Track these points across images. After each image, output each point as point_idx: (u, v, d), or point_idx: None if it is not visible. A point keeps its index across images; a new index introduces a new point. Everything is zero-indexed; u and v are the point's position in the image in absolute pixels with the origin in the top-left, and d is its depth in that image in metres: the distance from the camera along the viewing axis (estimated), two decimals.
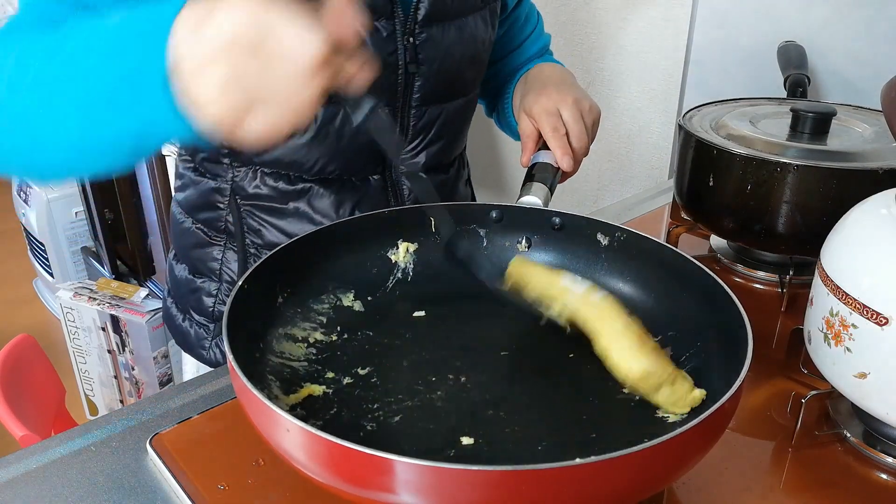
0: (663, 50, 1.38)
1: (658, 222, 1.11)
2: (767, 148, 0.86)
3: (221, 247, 0.89)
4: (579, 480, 0.44)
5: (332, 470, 0.47)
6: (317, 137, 0.80)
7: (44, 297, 2.59)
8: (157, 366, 1.93)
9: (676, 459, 0.49)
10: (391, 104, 0.81)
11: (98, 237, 2.31)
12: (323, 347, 0.67)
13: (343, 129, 0.80)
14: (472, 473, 0.43)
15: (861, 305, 0.59)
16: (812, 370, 0.68)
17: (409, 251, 0.76)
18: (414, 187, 0.86)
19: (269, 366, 0.62)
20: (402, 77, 0.80)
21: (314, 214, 0.84)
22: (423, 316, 0.71)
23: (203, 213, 0.89)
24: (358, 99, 0.52)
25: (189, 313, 0.93)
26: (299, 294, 0.69)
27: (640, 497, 0.49)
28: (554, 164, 0.82)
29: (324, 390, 0.61)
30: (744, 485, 0.61)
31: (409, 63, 0.79)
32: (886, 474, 0.63)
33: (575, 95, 0.84)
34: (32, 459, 0.62)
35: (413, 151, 0.87)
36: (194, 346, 0.94)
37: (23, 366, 1.03)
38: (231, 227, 0.87)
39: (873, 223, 0.62)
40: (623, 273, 0.72)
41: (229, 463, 0.61)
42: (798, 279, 0.87)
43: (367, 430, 0.57)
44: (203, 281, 0.91)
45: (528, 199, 0.77)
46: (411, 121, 0.84)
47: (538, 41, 1.01)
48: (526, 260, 0.72)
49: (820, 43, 1.16)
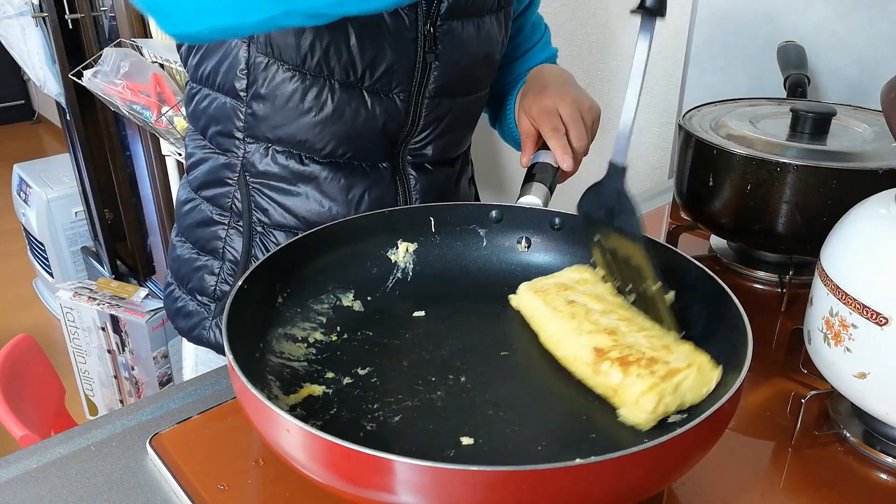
0: (663, 50, 1.38)
1: (658, 222, 1.11)
2: (767, 148, 0.86)
3: (226, 226, 0.89)
4: (579, 481, 0.44)
5: (332, 470, 0.47)
6: (331, 118, 0.81)
7: (44, 297, 2.59)
8: (156, 366, 1.93)
9: (676, 460, 0.49)
10: (406, 92, 0.82)
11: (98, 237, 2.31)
12: (323, 347, 0.66)
13: (358, 112, 0.81)
14: (472, 474, 0.43)
15: (861, 305, 0.59)
16: (812, 370, 0.68)
17: (408, 251, 0.76)
18: (417, 179, 0.87)
19: (268, 366, 0.62)
20: (419, 66, 0.81)
21: (322, 198, 0.85)
22: (422, 316, 0.71)
23: (211, 189, 0.90)
24: None
25: (191, 293, 0.94)
26: (299, 294, 0.69)
27: (640, 497, 0.49)
28: (554, 163, 0.82)
29: (323, 390, 0.61)
30: (744, 485, 0.61)
31: (428, 52, 0.81)
32: (886, 474, 0.63)
33: (574, 95, 0.84)
34: (32, 459, 0.62)
35: (421, 143, 0.88)
36: (194, 328, 0.94)
37: (23, 366, 1.03)
38: (238, 205, 0.88)
39: (873, 223, 0.62)
40: None
41: (229, 463, 0.61)
42: (798, 279, 0.87)
43: (366, 431, 0.57)
44: (206, 259, 0.92)
45: (527, 199, 0.78)
46: (424, 111, 0.85)
47: (543, 51, 1.01)
48: (532, 288, 0.70)
49: (820, 43, 1.16)
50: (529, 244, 0.77)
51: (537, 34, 1.01)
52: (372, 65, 0.79)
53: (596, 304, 0.66)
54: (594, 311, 0.65)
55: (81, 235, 2.40)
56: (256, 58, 0.79)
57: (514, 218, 0.77)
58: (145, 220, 2.24)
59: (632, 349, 0.59)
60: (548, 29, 1.03)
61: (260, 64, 0.80)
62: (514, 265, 0.77)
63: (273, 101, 0.81)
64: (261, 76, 0.80)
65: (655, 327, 0.63)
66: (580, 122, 0.82)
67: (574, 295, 0.67)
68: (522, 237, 0.77)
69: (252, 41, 0.79)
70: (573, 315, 0.64)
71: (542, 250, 0.77)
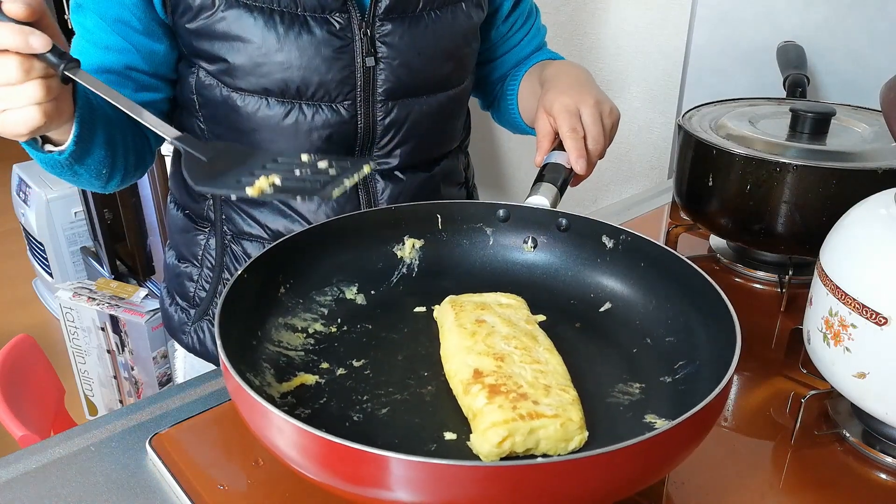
0: (663, 50, 1.38)
1: (658, 222, 1.11)
2: (767, 148, 0.86)
3: (206, 233, 0.90)
4: (548, 478, 0.44)
5: (308, 459, 0.48)
6: (277, 132, 0.80)
7: (43, 298, 2.59)
8: (156, 366, 1.93)
9: (659, 458, 0.48)
10: (350, 99, 0.80)
11: (97, 237, 2.31)
12: (321, 338, 0.67)
13: (298, 125, 0.80)
14: (446, 468, 0.43)
15: (860, 305, 0.59)
16: (811, 370, 0.68)
17: (415, 247, 0.76)
18: (385, 188, 0.86)
19: (265, 354, 0.63)
20: (360, 71, 0.79)
21: (285, 208, 0.85)
22: (423, 312, 0.72)
23: (189, 199, 0.91)
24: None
25: (175, 298, 0.95)
26: (302, 285, 0.70)
27: (616, 497, 0.49)
28: (567, 165, 0.80)
29: (316, 380, 0.62)
30: (744, 484, 0.61)
31: (367, 56, 0.79)
32: (886, 474, 0.63)
33: (596, 97, 0.82)
34: (32, 459, 0.62)
35: (385, 150, 0.85)
36: (177, 331, 0.95)
37: (22, 366, 1.03)
38: (212, 214, 0.88)
39: (872, 223, 0.62)
40: (626, 277, 0.72)
41: (229, 463, 0.61)
42: (797, 279, 0.87)
43: (353, 421, 0.57)
44: (186, 266, 0.92)
45: (535, 199, 0.76)
46: (377, 116, 0.82)
47: (536, 36, 1.00)
48: (452, 301, 0.69)
49: (820, 43, 1.16)
50: (536, 244, 0.77)
51: (530, 21, 0.99)
52: (305, 79, 0.77)
53: (503, 328, 0.63)
54: (497, 333, 0.63)
55: (81, 235, 2.39)
56: (205, 79, 0.80)
57: (522, 218, 0.77)
58: (145, 220, 2.24)
59: (509, 380, 0.57)
60: (538, 10, 1.01)
61: (209, 86, 0.80)
62: (520, 265, 0.77)
63: (222, 121, 0.81)
64: (209, 97, 0.81)
65: (552, 365, 0.60)
66: (600, 125, 0.80)
67: (487, 315, 0.65)
68: (529, 237, 0.77)
69: (198, 67, 0.80)
70: (473, 333, 0.62)
71: (548, 251, 0.77)
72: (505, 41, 0.98)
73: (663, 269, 0.68)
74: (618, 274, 0.72)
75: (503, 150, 1.80)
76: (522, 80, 0.96)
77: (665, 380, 0.62)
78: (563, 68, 0.90)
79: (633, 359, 0.65)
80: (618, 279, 0.72)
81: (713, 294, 0.61)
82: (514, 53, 0.99)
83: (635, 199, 1.20)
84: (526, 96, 0.95)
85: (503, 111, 1.00)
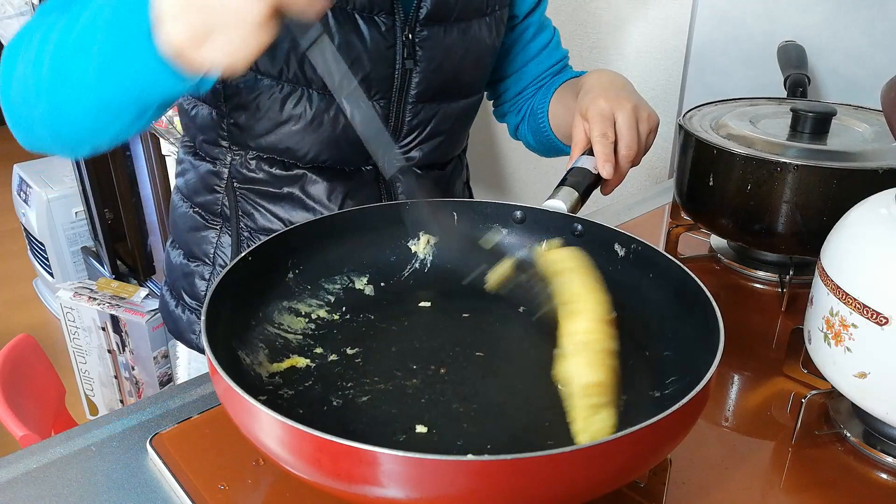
0: (663, 50, 1.38)
1: (658, 222, 1.11)
2: (767, 148, 0.86)
3: (217, 230, 0.90)
4: (509, 476, 0.44)
5: (276, 443, 0.48)
6: (310, 126, 0.81)
7: (44, 297, 2.59)
8: (157, 366, 1.93)
9: (629, 457, 0.48)
10: (386, 98, 0.82)
11: (98, 237, 2.31)
12: (322, 325, 0.68)
13: (336, 119, 0.81)
14: (403, 459, 0.43)
15: (861, 305, 0.59)
16: (812, 370, 0.68)
17: (429, 243, 0.77)
18: (403, 182, 0.87)
19: (262, 334, 0.64)
20: (398, 72, 0.81)
21: (307, 200, 0.86)
22: (427, 307, 0.72)
23: (201, 196, 0.90)
24: (305, 25, 0.54)
25: (182, 299, 0.95)
26: (312, 271, 0.71)
27: (585, 497, 0.49)
28: (593, 170, 0.78)
29: (307, 363, 0.63)
30: (744, 485, 0.61)
31: (407, 59, 0.80)
32: (886, 474, 0.63)
33: (634, 102, 0.80)
34: (32, 459, 0.62)
35: (407, 147, 0.88)
36: (185, 332, 0.95)
37: (23, 366, 1.03)
38: (227, 211, 0.88)
39: (873, 223, 0.62)
40: (633, 287, 0.70)
41: (229, 463, 0.61)
42: (798, 279, 0.87)
43: (331, 406, 0.58)
44: (197, 265, 0.92)
45: (552, 202, 0.75)
46: (406, 116, 0.85)
47: (554, 53, 0.99)
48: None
49: (820, 43, 1.16)
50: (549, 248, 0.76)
51: (545, 36, 0.99)
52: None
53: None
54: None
55: (81, 235, 2.39)
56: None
57: (538, 220, 0.76)
58: (145, 220, 2.24)
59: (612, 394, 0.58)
60: (557, 31, 1.01)
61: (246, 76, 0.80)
62: None
63: (253, 112, 0.81)
64: (239, 87, 0.80)
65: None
66: (635, 131, 0.78)
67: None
68: (543, 240, 0.76)
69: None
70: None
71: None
72: (517, 53, 0.97)
73: (667, 282, 0.67)
74: (626, 284, 0.70)
75: (502, 152, 1.80)
76: (555, 95, 0.95)
77: (654, 394, 0.60)
78: (600, 75, 0.88)
79: (627, 371, 0.62)
80: (625, 289, 0.70)
81: (710, 310, 0.59)
82: (529, 69, 0.98)
83: (636, 198, 1.19)
84: (561, 112, 0.93)
85: (536, 130, 0.98)
